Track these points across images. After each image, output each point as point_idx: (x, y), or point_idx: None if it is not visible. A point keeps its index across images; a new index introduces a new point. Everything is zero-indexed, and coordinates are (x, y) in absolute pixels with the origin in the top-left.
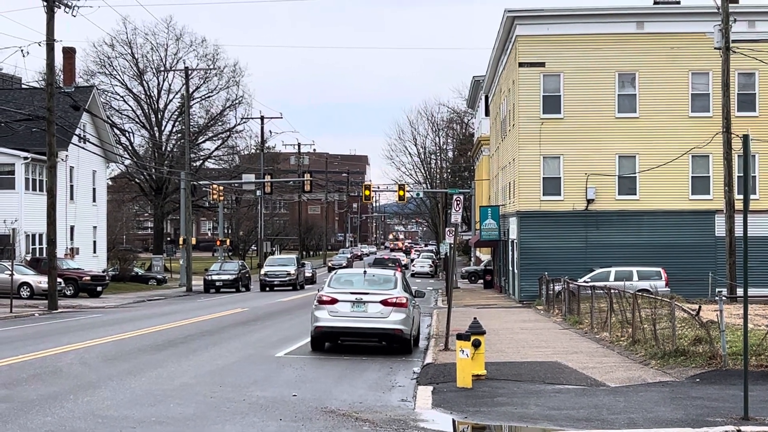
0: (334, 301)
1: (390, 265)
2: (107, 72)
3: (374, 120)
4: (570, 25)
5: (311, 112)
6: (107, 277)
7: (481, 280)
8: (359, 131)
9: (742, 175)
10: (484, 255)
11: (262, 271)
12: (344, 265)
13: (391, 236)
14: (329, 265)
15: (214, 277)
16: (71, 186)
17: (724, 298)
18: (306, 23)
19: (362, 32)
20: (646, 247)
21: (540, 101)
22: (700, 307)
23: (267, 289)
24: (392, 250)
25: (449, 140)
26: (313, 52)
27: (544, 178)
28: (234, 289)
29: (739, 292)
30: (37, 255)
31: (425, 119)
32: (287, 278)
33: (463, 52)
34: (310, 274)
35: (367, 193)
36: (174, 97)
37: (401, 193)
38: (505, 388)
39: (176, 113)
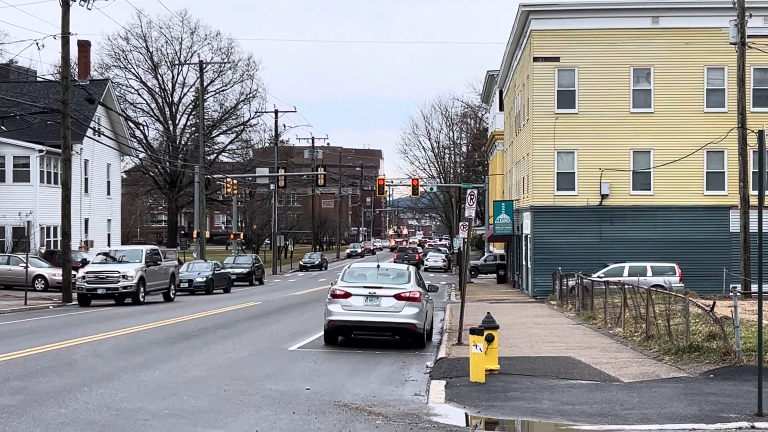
0: (347, 295)
1: (410, 252)
2: (122, 65)
3: (388, 114)
4: (585, 20)
5: (325, 105)
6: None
7: (481, 275)
8: (373, 125)
9: (757, 170)
10: (498, 249)
11: (80, 273)
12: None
13: (391, 231)
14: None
15: (228, 270)
16: (86, 179)
17: (738, 294)
18: (319, 17)
19: (375, 26)
20: (660, 242)
21: (554, 96)
22: (714, 302)
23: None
24: (392, 249)
25: (463, 135)
26: (326, 46)
27: (558, 173)
28: (248, 283)
29: (754, 288)
30: (52, 247)
31: (439, 114)
32: (119, 284)
33: (477, 47)
34: (203, 279)
35: (380, 184)
36: (188, 91)
37: (414, 183)
38: (518, 382)
39: (190, 107)
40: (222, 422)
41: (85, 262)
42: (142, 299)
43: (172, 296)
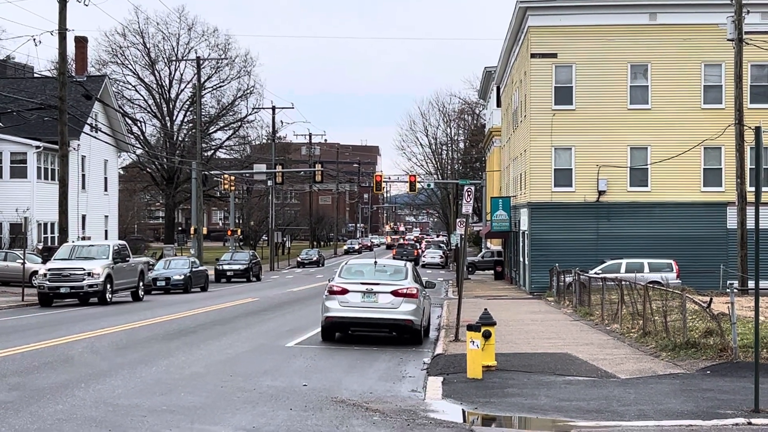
0: (344, 292)
1: (409, 248)
2: (119, 61)
3: (385, 111)
4: (582, 16)
5: (322, 102)
6: None
7: (479, 271)
8: (370, 122)
9: (754, 167)
10: (495, 246)
11: (42, 270)
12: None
13: (388, 227)
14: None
15: (225, 267)
16: (83, 175)
17: (735, 290)
18: (317, 14)
19: (372, 23)
20: (657, 239)
21: (552, 92)
22: (711, 299)
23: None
24: (389, 246)
25: (460, 131)
26: (324, 42)
27: (555, 169)
28: (245, 279)
29: (751, 284)
30: (49, 244)
31: (437, 110)
32: (84, 282)
33: (475, 43)
34: (181, 276)
35: (378, 180)
36: (185, 87)
37: (412, 179)
38: (515, 379)
39: (188, 103)
40: (219, 418)
41: None
42: (109, 299)
43: (141, 296)
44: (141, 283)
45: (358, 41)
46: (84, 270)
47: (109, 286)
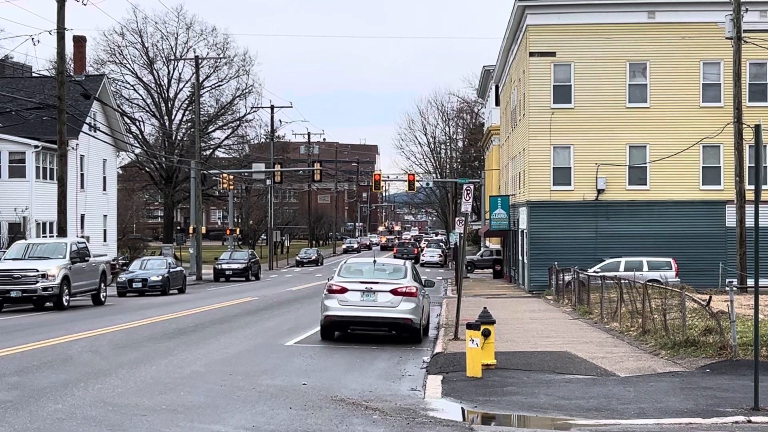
0: (343, 291)
1: (409, 246)
2: (117, 61)
3: (383, 109)
4: (581, 15)
5: (321, 101)
6: (117, 266)
7: (478, 270)
8: (368, 121)
9: (753, 165)
10: (494, 245)
11: None
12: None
13: (382, 228)
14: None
15: (224, 266)
16: (81, 174)
17: (734, 288)
18: (315, 13)
19: (371, 21)
20: (656, 237)
21: (550, 91)
22: (710, 297)
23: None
24: (383, 248)
25: (459, 130)
26: (322, 41)
27: (554, 168)
28: (244, 278)
29: (750, 282)
30: None
31: (435, 109)
32: (37, 285)
33: (473, 41)
34: (159, 277)
35: (377, 179)
36: (184, 86)
37: (411, 178)
38: (514, 377)
39: (186, 102)
40: (219, 417)
41: None
42: (66, 303)
43: (103, 299)
44: (103, 285)
45: (357, 40)
46: (37, 271)
47: (66, 288)
